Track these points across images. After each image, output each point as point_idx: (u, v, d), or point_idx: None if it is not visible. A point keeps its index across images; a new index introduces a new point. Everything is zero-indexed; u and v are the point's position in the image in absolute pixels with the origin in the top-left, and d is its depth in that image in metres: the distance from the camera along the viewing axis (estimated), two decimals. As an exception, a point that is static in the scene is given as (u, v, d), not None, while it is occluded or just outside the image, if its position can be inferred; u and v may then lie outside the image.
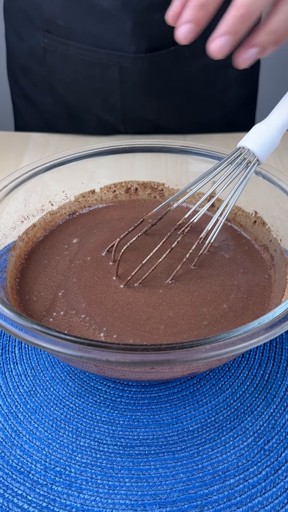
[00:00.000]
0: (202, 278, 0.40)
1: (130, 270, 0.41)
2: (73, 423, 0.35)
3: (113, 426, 0.35)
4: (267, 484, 0.31)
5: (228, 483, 0.31)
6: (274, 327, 0.29)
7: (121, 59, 0.39)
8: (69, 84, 0.65)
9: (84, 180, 0.49)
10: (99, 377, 0.38)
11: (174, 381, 0.37)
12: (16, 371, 0.38)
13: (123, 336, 0.35)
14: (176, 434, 0.34)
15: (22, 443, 0.34)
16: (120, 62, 0.59)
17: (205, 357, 0.27)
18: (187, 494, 0.31)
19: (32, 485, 0.32)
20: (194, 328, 0.36)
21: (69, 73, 0.63)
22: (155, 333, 0.35)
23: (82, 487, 0.31)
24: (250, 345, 0.28)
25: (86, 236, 0.45)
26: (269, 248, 0.44)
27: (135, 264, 0.41)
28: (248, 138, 0.40)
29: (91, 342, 0.28)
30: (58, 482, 0.32)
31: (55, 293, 0.39)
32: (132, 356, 0.27)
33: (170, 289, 0.39)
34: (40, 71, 0.65)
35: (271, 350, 0.39)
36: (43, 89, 0.67)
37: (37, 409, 0.36)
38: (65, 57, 0.61)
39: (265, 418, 0.35)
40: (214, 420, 0.35)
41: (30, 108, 0.71)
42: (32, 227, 0.45)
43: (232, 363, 0.39)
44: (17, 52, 0.67)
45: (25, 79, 0.68)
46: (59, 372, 0.38)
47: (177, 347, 0.28)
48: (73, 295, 0.39)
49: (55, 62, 0.63)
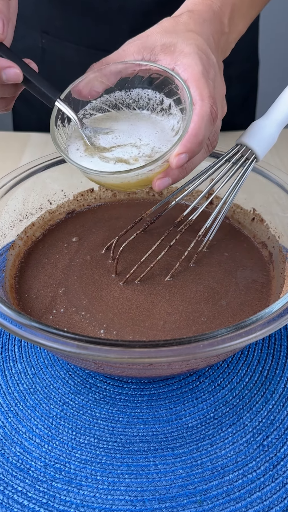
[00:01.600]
0: (200, 275, 0.40)
1: (129, 268, 0.41)
2: (72, 420, 0.35)
3: (113, 423, 0.35)
4: (265, 479, 0.31)
5: (227, 479, 0.31)
6: (271, 323, 0.29)
7: None
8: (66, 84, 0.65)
9: (83, 179, 0.49)
10: (99, 375, 0.38)
11: (173, 378, 0.37)
12: (16, 369, 0.39)
13: (123, 332, 0.35)
14: (175, 430, 0.34)
15: (22, 440, 0.34)
16: None
17: (203, 353, 0.27)
18: (186, 490, 0.31)
19: (32, 481, 0.32)
20: (192, 324, 0.36)
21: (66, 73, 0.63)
22: (154, 329, 0.36)
23: (82, 483, 0.32)
24: (248, 340, 0.28)
25: (85, 235, 0.46)
26: (268, 245, 0.44)
27: (134, 262, 0.41)
28: (246, 134, 0.40)
29: (90, 339, 0.28)
30: (57, 479, 0.32)
31: (56, 291, 0.39)
32: (131, 352, 0.28)
33: (169, 286, 0.39)
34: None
35: (270, 346, 0.40)
36: None
37: (36, 407, 0.36)
38: (63, 58, 0.62)
39: (264, 414, 0.35)
40: (213, 417, 0.35)
41: (28, 108, 0.71)
42: (31, 226, 0.46)
43: (231, 359, 0.39)
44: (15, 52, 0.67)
45: None
46: (59, 370, 0.39)
47: (175, 343, 0.28)
48: (74, 292, 0.39)
49: (53, 63, 0.63)
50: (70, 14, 0.57)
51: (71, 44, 0.60)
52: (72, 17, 0.57)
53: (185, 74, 0.34)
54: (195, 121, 0.32)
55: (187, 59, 0.34)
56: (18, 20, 0.67)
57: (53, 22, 0.59)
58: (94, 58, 0.60)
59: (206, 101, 0.33)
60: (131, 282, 0.40)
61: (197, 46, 0.34)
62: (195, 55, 0.34)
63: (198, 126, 0.32)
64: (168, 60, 0.35)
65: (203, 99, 0.33)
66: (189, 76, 0.33)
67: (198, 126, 0.32)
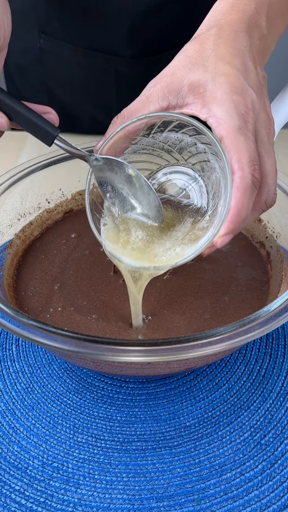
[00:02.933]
0: (200, 271, 0.41)
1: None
2: (70, 419, 0.35)
3: (111, 422, 0.35)
4: (263, 478, 0.31)
5: (225, 477, 0.32)
6: (269, 322, 0.29)
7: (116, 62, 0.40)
8: (64, 84, 0.65)
9: (81, 178, 0.49)
10: (97, 374, 0.38)
11: (171, 377, 0.37)
12: (14, 368, 0.39)
13: (121, 329, 0.35)
14: (173, 429, 0.34)
15: (20, 439, 0.34)
16: (115, 66, 0.59)
17: (202, 352, 0.27)
18: (184, 489, 0.31)
19: (29, 480, 0.32)
20: (194, 322, 0.36)
21: (65, 74, 0.64)
22: (154, 327, 0.36)
23: (80, 482, 0.32)
24: (246, 339, 0.28)
25: (85, 231, 0.45)
26: (266, 245, 0.44)
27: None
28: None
29: (88, 338, 0.28)
30: (55, 478, 0.32)
31: (51, 287, 0.39)
32: (129, 351, 0.28)
33: (168, 282, 0.39)
34: (36, 71, 0.65)
35: (268, 345, 0.40)
36: (38, 89, 0.67)
37: (34, 406, 0.36)
38: (61, 58, 0.62)
39: (262, 413, 0.35)
40: (211, 415, 0.35)
41: None
42: (29, 225, 0.45)
43: (229, 358, 0.39)
44: (13, 52, 0.67)
45: (20, 79, 0.68)
46: (57, 369, 0.38)
47: (173, 342, 0.28)
48: (69, 288, 0.39)
49: (51, 63, 0.63)
50: (68, 14, 0.57)
51: (69, 45, 0.60)
52: (70, 17, 0.57)
53: (219, 130, 0.29)
54: (236, 198, 0.29)
55: (220, 111, 0.30)
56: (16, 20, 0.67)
57: (51, 22, 0.59)
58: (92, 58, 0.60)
59: (247, 170, 0.29)
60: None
61: (230, 86, 0.30)
62: (230, 103, 0.29)
63: (240, 203, 0.29)
64: (199, 106, 0.30)
65: (243, 168, 0.29)
66: (224, 134, 0.29)
67: (240, 203, 0.29)
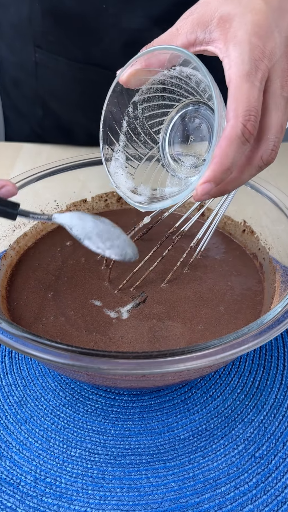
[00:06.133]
0: (195, 280, 0.41)
1: (121, 276, 0.41)
2: (64, 433, 0.35)
3: (104, 436, 0.34)
4: (257, 491, 0.31)
5: (219, 491, 0.31)
6: (263, 334, 0.29)
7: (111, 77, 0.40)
8: (60, 98, 0.65)
9: (75, 189, 0.49)
10: (90, 386, 0.38)
11: (165, 389, 0.37)
12: (6, 381, 0.38)
13: (116, 340, 0.35)
14: (167, 442, 0.34)
15: (12, 454, 0.33)
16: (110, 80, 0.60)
17: (196, 364, 0.27)
18: (179, 503, 0.31)
19: (22, 496, 0.31)
20: (187, 333, 0.36)
21: (59, 87, 0.64)
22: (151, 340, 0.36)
23: (73, 498, 0.31)
24: (239, 352, 0.28)
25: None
26: (258, 257, 0.44)
27: (126, 271, 0.41)
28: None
29: (83, 350, 0.28)
30: (48, 493, 0.31)
31: (44, 295, 0.39)
32: (124, 364, 0.27)
33: (165, 291, 0.40)
34: (31, 84, 0.66)
35: (261, 357, 0.40)
36: (33, 101, 0.68)
37: (27, 420, 0.35)
38: (56, 72, 0.62)
39: (256, 425, 0.35)
40: (205, 428, 0.35)
41: (21, 120, 0.72)
42: (23, 236, 0.45)
43: (223, 370, 0.39)
44: (9, 65, 0.67)
45: (16, 92, 0.69)
46: (50, 382, 0.38)
47: (168, 354, 0.28)
48: (63, 296, 0.39)
49: (46, 76, 0.64)
50: (64, 30, 0.58)
51: (64, 59, 0.61)
52: (66, 32, 0.58)
53: (229, 73, 0.29)
54: (221, 147, 0.28)
55: (235, 52, 0.28)
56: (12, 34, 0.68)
57: (47, 37, 0.60)
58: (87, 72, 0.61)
59: (239, 120, 0.28)
60: (127, 290, 0.40)
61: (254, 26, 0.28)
62: (246, 45, 0.28)
63: (224, 152, 0.28)
64: (221, 43, 0.29)
65: (236, 117, 0.28)
66: (231, 79, 0.28)
67: (224, 152, 0.28)
